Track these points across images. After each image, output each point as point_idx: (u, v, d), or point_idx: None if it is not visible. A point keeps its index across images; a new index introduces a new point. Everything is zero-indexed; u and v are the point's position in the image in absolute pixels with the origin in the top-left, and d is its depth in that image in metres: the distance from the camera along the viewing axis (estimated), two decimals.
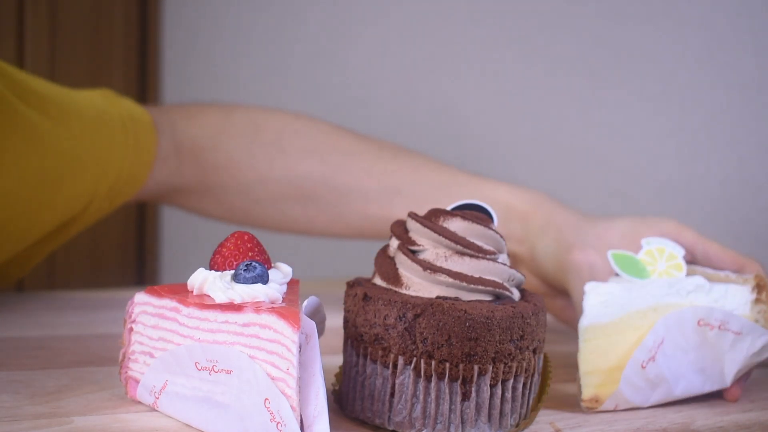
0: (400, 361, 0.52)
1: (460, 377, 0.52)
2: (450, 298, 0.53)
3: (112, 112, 0.82)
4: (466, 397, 0.52)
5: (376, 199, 0.82)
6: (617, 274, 0.63)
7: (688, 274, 0.63)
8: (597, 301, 0.60)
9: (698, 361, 0.60)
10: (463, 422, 0.52)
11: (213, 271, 0.53)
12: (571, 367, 0.63)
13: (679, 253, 0.63)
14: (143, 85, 2.03)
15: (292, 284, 0.54)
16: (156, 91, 2.03)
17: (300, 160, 0.84)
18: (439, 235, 0.54)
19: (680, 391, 0.60)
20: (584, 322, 0.59)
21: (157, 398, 0.54)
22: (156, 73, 2.03)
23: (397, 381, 0.52)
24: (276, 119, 0.88)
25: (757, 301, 0.61)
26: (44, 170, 0.74)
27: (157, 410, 0.54)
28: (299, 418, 0.46)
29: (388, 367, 0.53)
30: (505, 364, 0.53)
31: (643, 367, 0.58)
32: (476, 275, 0.53)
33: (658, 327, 0.58)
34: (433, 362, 0.52)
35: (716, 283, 0.62)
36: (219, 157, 0.85)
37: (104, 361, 0.66)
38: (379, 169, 0.83)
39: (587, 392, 0.59)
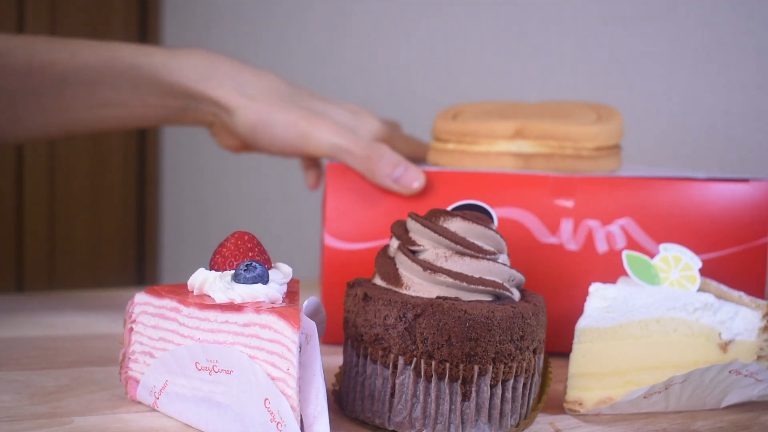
0: (400, 361, 0.52)
1: (460, 377, 0.52)
2: (450, 299, 0.53)
3: None
4: (466, 397, 0.52)
5: (46, 93, 0.81)
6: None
7: (701, 288, 0.62)
8: (599, 305, 0.59)
9: (707, 394, 0.59)
10: (463, 422, 0.52)
11: (213, 271, 0.53)
12: None
13: (696, 264, 0.62)
14: None
15: (293, 284, 0.54)
16: None
17: None
18: (439, 235, 0.54)
19: (673, 408, 0.60)
20: (582, 324, 0.59)
21: (158, 398, 0.54)
22: None
23: (397, 381, 0.52)
24: None
25: (765, 329, 0.60)
26: None
27: (157, 410, 0.54)
28: (299, 418, 0.46)
29: (388, 368, 0.53)
30: (506, 364, 0.53)
31: (645, 398, 0.57)
32: (476, 275, 0.53)
33: (677, 377, 0.56)
34: (434, 362, 0.52)
35: (726, 303, 0.61)
36: None
37: (104, 361, 0.66)
38: (38, 63, 0.81)
39: (572, 394, 0.59)
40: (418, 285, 0.54)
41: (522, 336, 0.53)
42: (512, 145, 0.76)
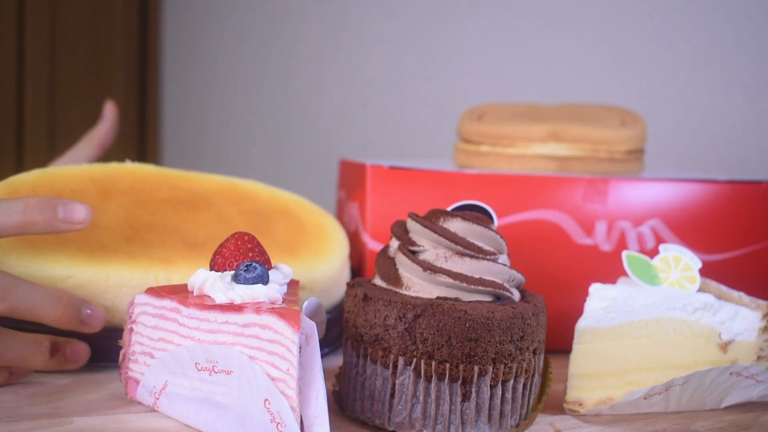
0: (400, 361, 0.52)
1: (460, 378, 0.52)
2: (450, 299, 0.53)
3: None
4: (466, 397, 0.52)
5: None
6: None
7: (701, 288, 0.62)
8: (599, 306, 0.59)
9: (707, 395, 0.59)
10: (463, 423, 0.52)
11: (213, 272, 0.53)
12: None
13: (696, 265, 0.62)
14: (143, 85, 2.03)
15: (292, 285, 0.54)
16: (156, 91, 2.03)
17: None
18: (440, 235, 0.54)
19: (673, 408, 0.60)
20: (582, 324, 0.59)
21: (157, 399, 0.54)
22: (156, 73, 2.04)
23: (397, 381, 0.52)
24: None
25: (765, 329, 0.61)
26: None
27: (157, 411, 0.54)
28: (299, 418, 0.46)
29: (388, 368, 0.53)
30: (505, 364, 0.53)
31: (645, 399, 0.57)
32: (476, 276, 0.53)
33: (678, 379, 0.57)
34: (433, 363, 0.52)
35: (726, 303, 0.61)
36: None
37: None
38: None
39: (572, 394, 0.59)
40: (418, 285, 0.54)
41: (522, 336, 0.53)
42: (546, 148, 0.78)
